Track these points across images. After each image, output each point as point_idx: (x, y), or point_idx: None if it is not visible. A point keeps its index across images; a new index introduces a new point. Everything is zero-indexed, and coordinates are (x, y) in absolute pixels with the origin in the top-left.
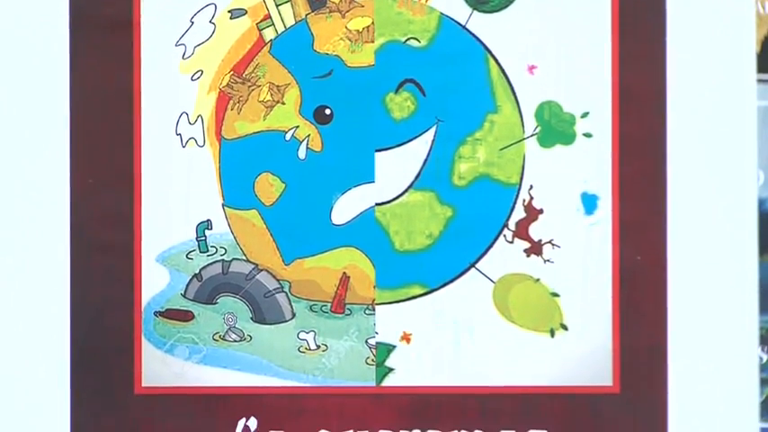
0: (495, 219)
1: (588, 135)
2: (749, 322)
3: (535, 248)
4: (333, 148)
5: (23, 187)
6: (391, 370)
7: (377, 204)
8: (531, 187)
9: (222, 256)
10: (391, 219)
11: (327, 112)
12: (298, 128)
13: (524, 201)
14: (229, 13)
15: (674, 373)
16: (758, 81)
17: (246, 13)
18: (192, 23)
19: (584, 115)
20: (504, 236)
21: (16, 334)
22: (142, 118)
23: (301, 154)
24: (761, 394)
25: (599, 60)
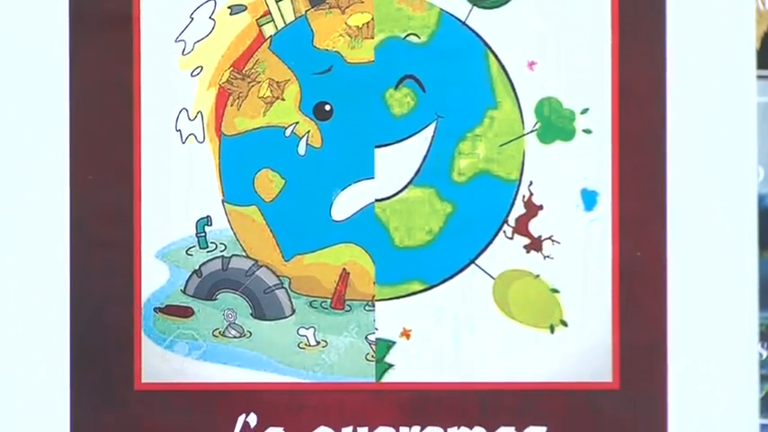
0: (494, 215)
1: (588, 131)
2: (749, 318)
3: (535, 244)
4: (332, 144)
5: (23, 183)
6: (391, 366)
7: (377, 200)
8: (531, 183)
9: (222, 252)
10: (391, 215)
11: (327, 108)
12: (297, 124)
13: (524, 197)
14: (229, 9)
15: (673, 370)
16: (758, 77)
17: (246, 9)
18: (192, 19)
19: (584, 111)
20: (504, 232)
21: (16, 330)
22: (142, 114)
23: (301, 150)
24: (761, 390)
25: (599, 56)
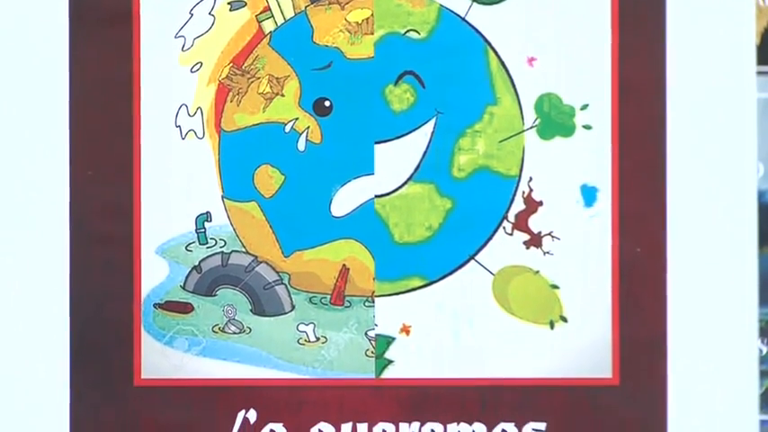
0: (494, 211)
1: (588, 127)
2: (749, 314)
3: (535, 240)
4: (332, 140)
5: (23, 179)
6: (391, 362)
7: (376, 196)
8: (531, 179)
9: (222, 248)
10: (391, 211)
11: (327, 103)
12: (297, 120)
13: (524, 193)
14: (229, 4)
15: (673, 365)
16: (758, 73)
17: (246, 4)
18: (192, 15)
19: (584, 107)
20: (504, 228)
21: (16, 326)
22: (142, 110)
23: (301, 146)
24: (760, 386)
25: (599, 52)
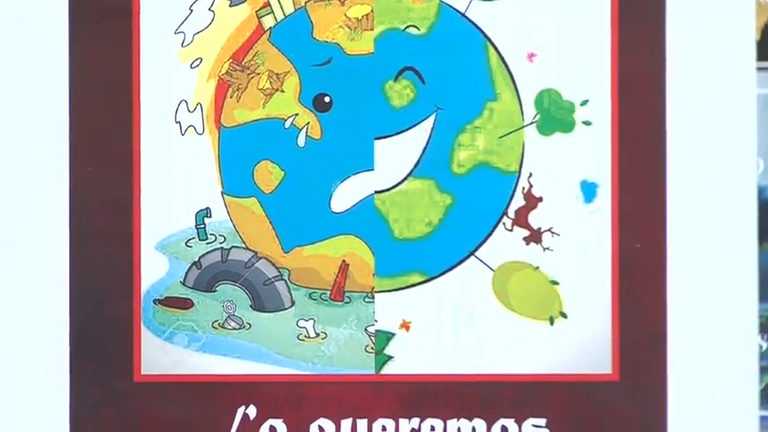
0: (494, 207)
1: (588, 123)
2: (749, 310)
3: (534, 236)
4: (332, 135)
5: (23, 175)
6: (390, 358)
7: (376, 192)
8: (531, 175)
9: (221, 243)
10: (390, 207)
11: (327, 99)
12: (297, 116)
13: (524, 189)
14: (228, 0)
15: (673, 361)
16: (758, 69)
17: (246, 0)
18: (192, 11)
19: (584, 103)
20: (504, 224)
21: (16, 322)
22: (141, 106)
23: (300, 142)
24: (760, 382)
25: (599, 48)
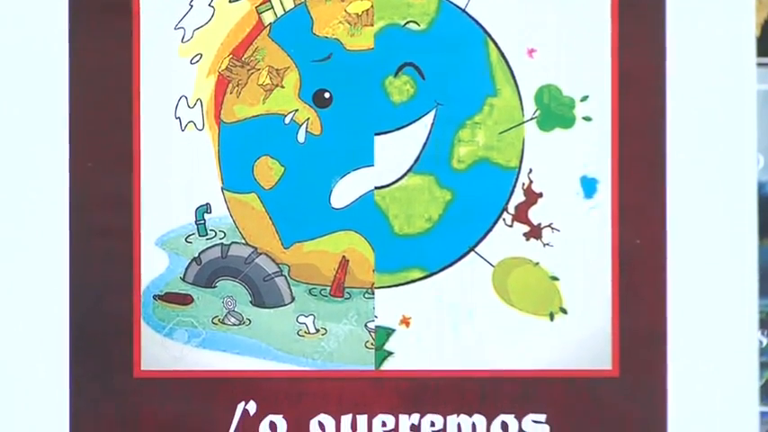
0: (494, 202)
1: (588, 119)
2: (749, 306)
3: (534, 232)
4: (332, 131)
5: (23, 171)
6: (390, 353)
7: (376, 188)
8: (531, 171)
9: (221, 239)
10: (390, 202)
11: (327, 95)
12: (297, 111)
13: (524, 184)
14: None
15: (673, 357)
16: (758, 65)
17: None
18: (191, 7)
19: (584, 99)
20: (504, 219)
21: (16, 318)
22: (141, 101)
23: (300, 137)
24: (760, 378)
25: (599, 44)
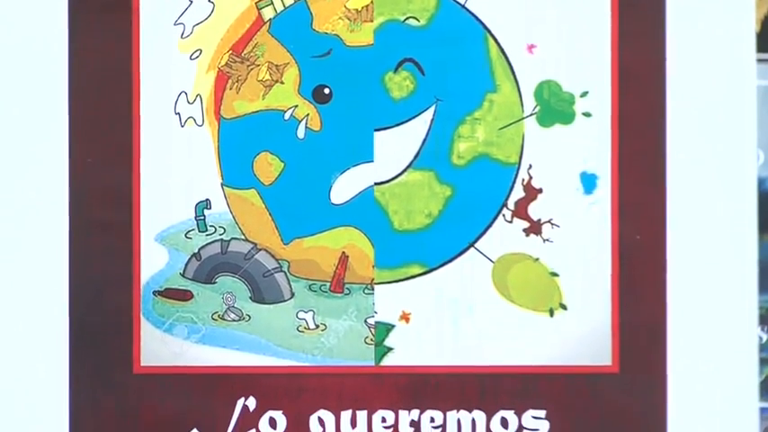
0: (494, 198)
1: (587, 114)
2: (749, 301)
3: (534, 228)
4: (332, 127)
5: (23, 166)
6: (390, 349)
7: (376, 184)
8: (531, 167)
9: (221, 235)
10: (390, 198)
11: (326, 91)
12: (297, 107)
13: (523, 180)
14: None
15: (673, 353)
16: (758, 60)
17: None
18: (191, 2)
19: (584, 94)
20: (504, 215)
21: (15, 313)
22: (141, 97)
23: (300, 133)
24: (760, 374)
25: (598, 39)
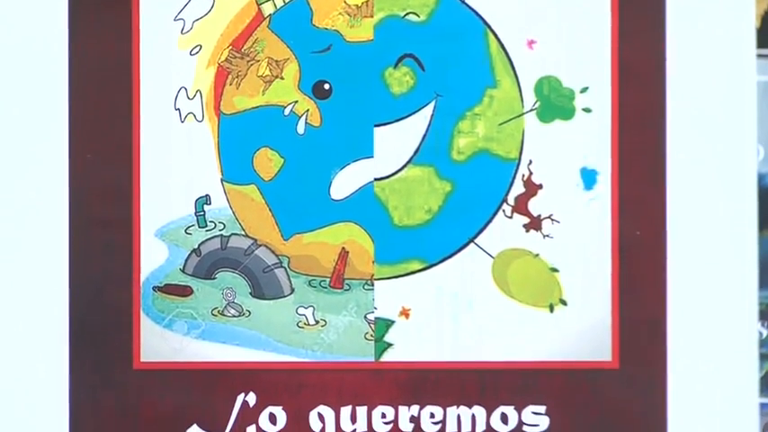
0: (494, 194)
1: (587, 110)
2: (749, 297)
3: (534, 223)
4: (332, 122)
5: (22, 162)
6: (390, 345)
7: (376, 179)
8: (531, 162)
9: (221, 231)
10: (390, 194)
11: (326, 86)
12: (297, 103)
13: (523, 176)
14: None
15: (673, 349)
16: (758, 56)
17: None
18: None
19: (584, 90)
20: (504, 211)
21: (15, 309)
22: (141, 93)
23: (300, 129)
24: (760, 369)
25: (598, 35)
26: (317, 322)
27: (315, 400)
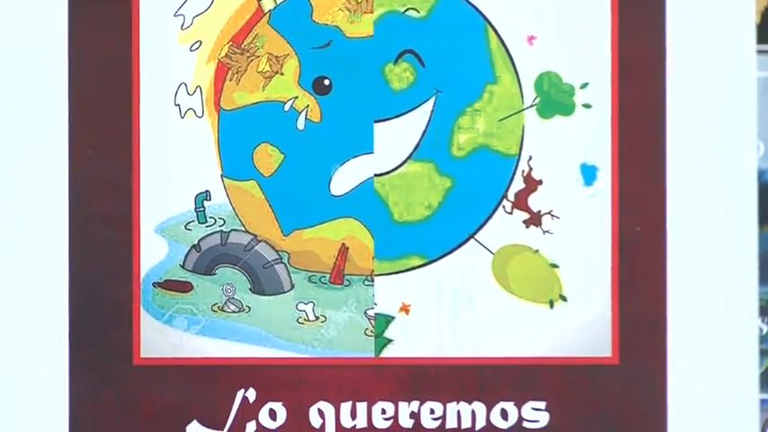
0: (494, 189)
1: (587, 106)
2: (749, 293)
3: (534, 219)
4: (332, 118)
5: (22, 158)
6: (390, 341)
7: (376, 175)
8: (531, 158)
9: (221, 226)
10: (390, 190)
11: (326, 82)
12: (297, 98)
13: (523, 171)
14: None
15: (673, 344)
16: (758, 52)
17: None
18: None
19: (584, 86)
20: (504, 207)
21: (15, 305)
22: (141, 89)
23: (300, 125)
24: (760, 365)
25: (598, 31)
26: (316, 318)
27: (315, 395)
